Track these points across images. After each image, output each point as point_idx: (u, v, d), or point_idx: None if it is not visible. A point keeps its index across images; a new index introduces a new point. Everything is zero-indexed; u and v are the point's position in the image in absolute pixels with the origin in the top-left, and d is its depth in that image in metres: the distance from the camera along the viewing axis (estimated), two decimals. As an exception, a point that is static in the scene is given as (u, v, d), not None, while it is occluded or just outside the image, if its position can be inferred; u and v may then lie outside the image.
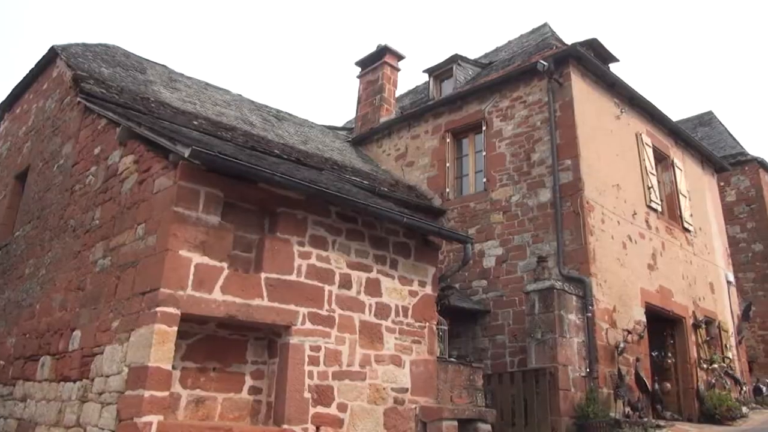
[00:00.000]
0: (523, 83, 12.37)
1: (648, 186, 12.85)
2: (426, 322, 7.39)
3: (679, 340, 12.66)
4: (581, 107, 11.59)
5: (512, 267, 11.41)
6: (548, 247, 10.92)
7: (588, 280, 10.31)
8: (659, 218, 13.01)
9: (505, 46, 16.48)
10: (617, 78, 12.68)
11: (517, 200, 11.75)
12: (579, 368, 9.75)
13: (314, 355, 6.22)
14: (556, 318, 9.67)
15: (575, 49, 11.91)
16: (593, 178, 11.26)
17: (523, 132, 12.08)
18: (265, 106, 14.44)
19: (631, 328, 11.01)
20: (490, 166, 12.47)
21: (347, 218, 6.91)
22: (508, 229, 11.72)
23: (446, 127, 13.65)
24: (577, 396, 9.49)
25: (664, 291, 12.36)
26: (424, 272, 7.56)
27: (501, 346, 11.09)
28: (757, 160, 19.83)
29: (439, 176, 13.39)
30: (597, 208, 11.09)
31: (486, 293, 11.63)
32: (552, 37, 14.46)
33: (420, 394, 7.09)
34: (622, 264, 11.35)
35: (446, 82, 15.60)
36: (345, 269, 6.73)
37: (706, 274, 14.22)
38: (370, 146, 15.45)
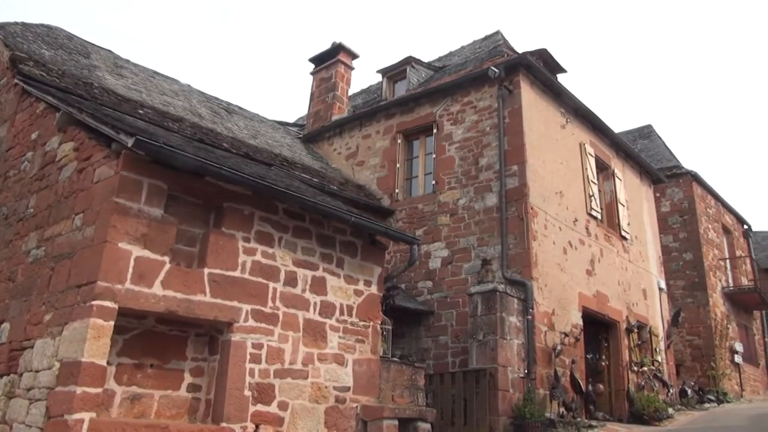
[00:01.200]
0: (475, 89, 12.58)
1: (589, 194, 13.29)
2: (370, 322, 7.43)
3: (612, 343, 13.15)
4: (529, 115, 11.88)
5: (457, 269, 11.60)
6: (493, 251, 11.15)
7: (530, 283, 10.58)
8: (599, 226, 13.48)
9: (458, 51, 16.72)
10: (564, 88, 13.06)
11: (464, 203, 11.94)
12: (518, 369, 9.99)
13: (256, 353, 6.15)
14: (498, 320, 9.88)
15: (525, 58, 12.20)
16: (538, 184, 11.56)
17: (473, 137, 12.29)
18: (215, 98, 14.17)
19: (569, 331, 11.36)
20: (439, 169, 12.63)
21: (295, 215, 6.87)
22: (454, 231, 11.90)
23: (398, 128, 13.74)
24: (515, 396, 9.73)
25: (601, 296, 12.82)
26: (370, 272, 7.59)
27: (444, 346, 11.25)
28: (691, 174, 20.80)
29: (389, 177, 13.46)
30: (541, 214, 11.40)
31: (431, 294, 11.78)
32: (504, 44, 14.78)
33: (362, 393, 7.11)
34: (563, 269, 11.71)
35: (399, 83, 15.70)
36: (291, 267, 6.68)
37: (640, 281, 14.83)
38: (321, 144, 15.39)
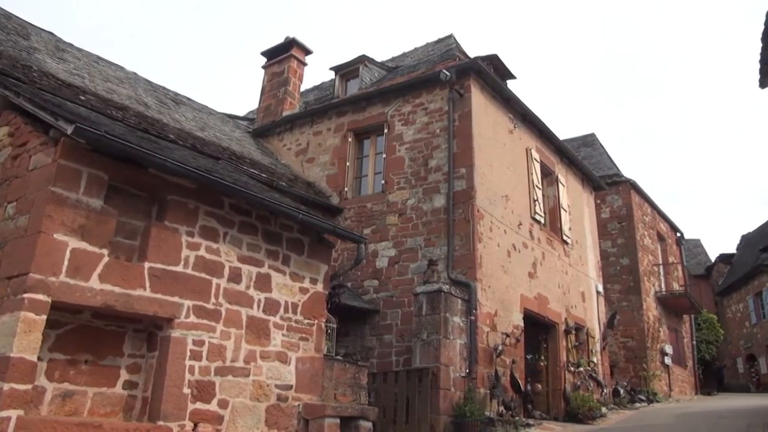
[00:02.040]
0: (426, 90, 12.70)
1: (534, 199, 13.64)
2: (315, 320, 7.40)
3: (551, 344, 13.54)
4: (478, 119, 12.09)
5: (404, 269, 11.69)
6: (439, 251, 11.29)
7: (474, 284, 10.77)
8: (542, 230, 13.85)
9: (411, 53, 16.84)
10: (513, 94, 13.35)
11: (412, 204, 12.05)
12: (460, 369, 10.16)
13: (197, 350, 6.04)
14: (442, 320, 10.02)
15: (477, 63, 12.40)
16: (485, 187, 11.78)
17: (423, 138, 12.41)
18: (163, 87, 13.79)
19: (510, 331, 11.63)
20: (389, 169, 12.69)
21: (241, 211, 6.77)
22: (402, 231, 11.98)
23: (349, 127, 13.72)
24: (457, 395, 9.89)
25: (542, 298, 13.18)
26: (316, 270, 7.57)
27: (388, 345, 11.32)
28: (630, 182, 21.64)
29: (338, 175, 13.44)
30: (486, 217, 11.62)
31: (377, 293, 11.83)
32: (456, 48, 14.97)
33: (304, 392, 7.08)
34: (506, 271, 11.97)
35: (352, 81, 15.69)
36: (235, 263, 6.59)
37: (579, 284, 15.32)
38: (271, 139, 15.21)
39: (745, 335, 30.58)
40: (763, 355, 28.58)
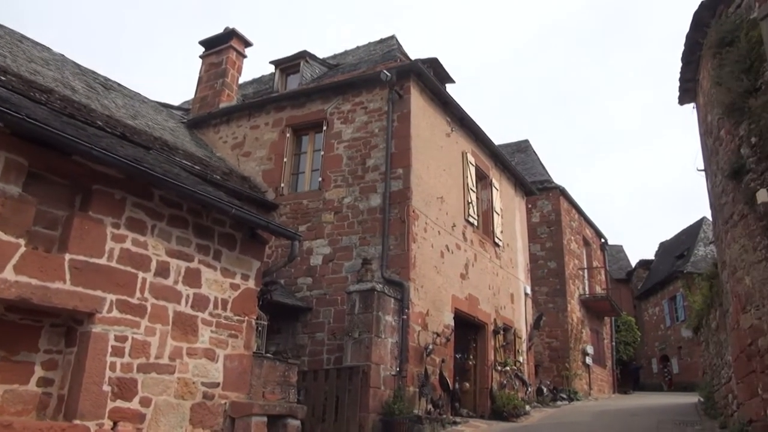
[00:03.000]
0: (366, 90, 12.74)
1: (468, 201, 13.93)
2: (245, 317, 7.28)
3: (480, 344, 13.87)
4: (417, 121, 12.23)
5: (338, 267, 11.68)
6: (374, 250, 11.35)
7: (407, 284, 10.89)
8: (474, 232, 14.17)
9: (353, 51, 16.83)
10: (451, 98, 13.58)
11: (349, 202, 12.05)
12: (390, 367, 10.26)
13: (119, 346, 5.81)
14: (375, 319, 10.09)
15: (417, 66, 12.54)
16: (421, 188, 11.93)
17: (362, 137, 12.43)
18: (92, 71, 13.19)
19: (441, 331, 11.84)
20: (326, 166, 12.65)
21: (172, 203, 6.57)
22: (337, 229, 11.97)
23: (288, 122, 13.58)
24: (386, 394, 9.98)
25: (473, 299, 13.48)
26: (248, 266, 7.44)
27: (320, 343, 11.29)
28: (559, 188, 22.45)
29: (275, 170, 13.27)
30: (421, 218, 11.77)
31: (310, 291, 11.77)
32: (398, 49, 15.08)
33: (232, 390, 6.95)
34: (439, 272, 12.17)
35: (292, 76, 15.53)
36: (164, 257, 6.39)
37: (508, 286, 15.76)
38: (207, 131, 14.84)
39: (659, 337, 32.34)
40: (675, 356, 30.33)
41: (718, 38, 7.43)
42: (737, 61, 7.00)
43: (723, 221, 8.17)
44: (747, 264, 7.12)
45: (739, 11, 7.25)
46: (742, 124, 6.98)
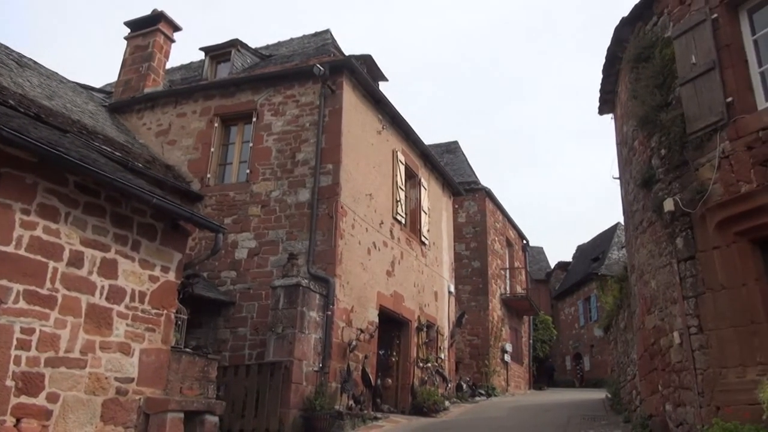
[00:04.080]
0: (299, 83, 12.60)
1: (397, 199, 14.06)
2: (164, 310, 7.05)
3: (403, 340, 14.06)
4: (348, 117, 12.22)
5: (264, 261, 11.51)
6: (300, 246, 11.26)
7: (333, 280, 10.88)
8: (402, 230, 14.33)
9: (287, 43, 16.61)
10: (384, 96, 13.66)
11: (277, 196, 11.90)
12: (313, 363, 10.22)
13: (25, 339, 5.49)
14: (299, 314, 10.01)
15: (350, 62, 12.53)
16: (350, 185, 11.95)
17: (292, 130, 12.30)
18: (5, 46, 12.36)
19: (365, 327, 11.91)
20: (255, 159, 12.43)
21: (88, 190, 6.27)
22: (264, 223, 11.79)
23: (216, 111, 13.23)
24: (308, 389, 9.94)
25: (398, 296, 13.63)
26: (169, 257, 7.20)
27: (242, 338, 11.09)
28: (485, 190, 23.07)
29: (201, 160, 12.91)
30: (350, 214, 11.79)
31: (234, 285, 11.54)
32: (332, 44, 15.01)
33: (147, 385, 6.72)
34: (365, 268, 12.23)
35: (223, 65, 15.15)
36: (78, 246, 6.09)
37: (433, 284, 16.05)
38: (130, 116, 14.22)
39: (574, 336, 33.88)
40: (587, 354, 31.87)
41: (636, 53, 7.86)
42: (652, 76, 7.43)
43: (634, 227, 8.67)
44: (653, 268, 7.59)
45: (655, 29, 7.70)
46: (654, 137, 7.42)
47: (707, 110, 6.55)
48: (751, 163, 6.08)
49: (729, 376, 5.98)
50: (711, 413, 5.93)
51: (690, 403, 6.47)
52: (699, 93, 6.68)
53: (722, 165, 6.34)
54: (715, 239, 6.35)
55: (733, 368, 5.98)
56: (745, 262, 6.12)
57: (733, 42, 6.59)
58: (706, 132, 6.55)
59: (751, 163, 6.08)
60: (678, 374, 6.82)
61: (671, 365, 7.03)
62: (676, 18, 7.25)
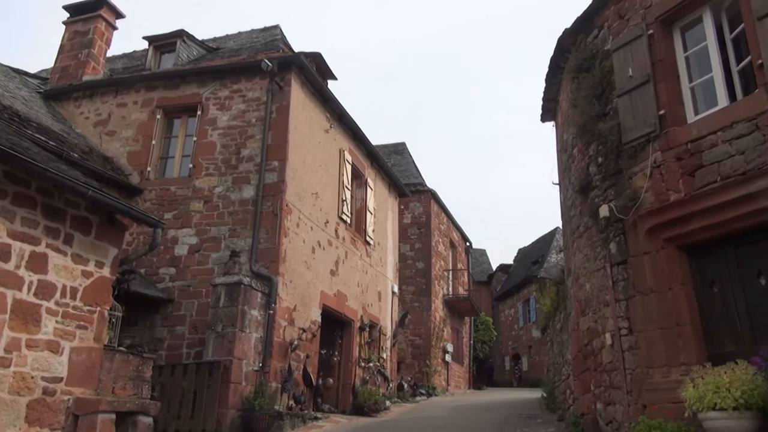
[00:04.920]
0: (246, 78, 12.40)
1: (343, 199, 14.03)
2: (97, 307, 6.80)
3: (346, 340, 14.05)
4: (296, 114, 12.12)
5: (205, 258, 11.27)
6: (243, 243, 11.09)
7: (275, 278, 10.75)
8: (347, 229, 14.31)
9: (234, 36, 16.31)
10: (332, 95, 13.61)
11: (220, 192, 11.67)
12: (253, 362, 10.08)
13: (-56, 336, 5.19)
14: (240, 313, 9.85)
15: (299, 58, 12.43)
16: (296, 183, 11.84)
17: (238, 126, 12.09)
18: (-71, 24, 11.63)
19: (307, 327, 11.83)
20: (198, 153, 12.15)
21: (18, 180, 5.98)
22: (206, 219, 11.55)
23: (159, 103, 12.86)
24: (248, 389, 9.79)
25: (341, 295, 13.61)
26: (104, 252, 6.95)
27: (180, 337, 10.82)
28: (431, 192, 23.33)
29: (142, 153, 12.52)
30: (295, 212, 11.69)
31: (173, 282, 11.25)
32: (281, 40, 14.84)
33: (77, 385, 6.46)
34: (309, 267, 12.15)
35: (167, 55, 14.72)
36: (5, 238, 5.79)
37: (377, 284, 16.11)
38: (67, 104, 13.64)
39: (513, 337, 34.70)
40: (525, 354, 32.71)
41: (577, 64, 8.13)
42: (591, 86, 7.71)
43: (571, 232, 8.96)
44: (588, 272, 7.86)
45: (596, 41, 7.98)
46: (592, 145, 7.69)
47: (641, 121, 6.84)
48: (680, 173, 6.38)
49: (655, 376, 6.27)
50: (638, 411, 6.20)
51: (619, 402, 6.74)
52: (634, 105, 6.97)
53: (654, 174, 6.64)
54: (646, 245, 6.64)
55: (659, 368, 6.27)
56: (672, 268, 6.42)
57: (666, 57, 6.91)
58: (640, 142, 6.85)
59: (680, 173, 6.38)
60: (609, 374, 7.08)
61: (603, 365, 7.29)
62: (616, 32, 7.54)
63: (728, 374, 5.17)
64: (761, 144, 5.69)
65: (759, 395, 4.96)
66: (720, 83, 6.45)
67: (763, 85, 5.80)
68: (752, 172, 5.71)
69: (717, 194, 6.01)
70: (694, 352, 6.08)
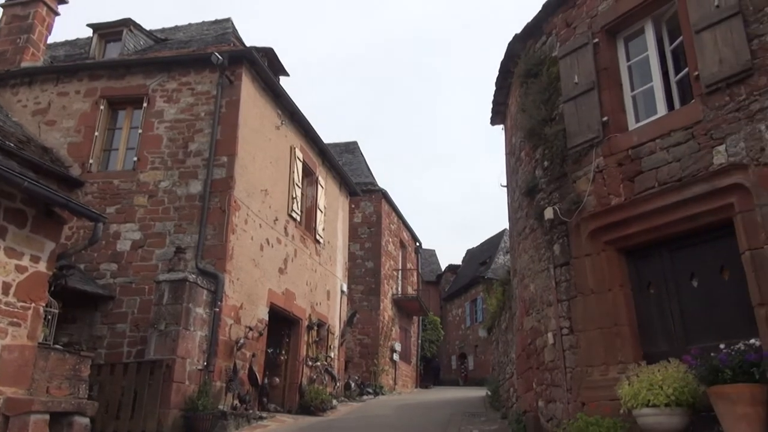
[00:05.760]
0: (195, 71, 12.13)
1: (293, 196, 13.91)
2: (32, 303, 6.52)
3: (293, 339, 13.93)
4: (246, 109, 11.93)
5: (148, 254, 10.96)
6: (189, 239, 10.85)
7: (222, 276, 10.56)
8: (297, 227, 14.19)
9: (184, 27, 15.93)
10: (284, 91, 13.47)
11: (166, 186, 11.38)
12: (197, 361, 9.87)
13: None
14: (184, 310, 9.63)
15: (251, 53, 12.24)
16: (245, 179, 11.66)
17: (186, 119, 11.82)
18: None
19: (254, 325, 11.67)
20: (144, 146, 11.81)
21: (-54, 169, 5.68)
22: (151, 214, 11.24)
23: (103, 93, 12.43)
24: (191, 389, 9.58)
25: (289, 294, 13.49)
26: (40, 246, 6.68)
27: (121, 335, 10.49)
28: (382, 192, 23.40)
29: (83, 144, 12.07)
30: (243, 209, 11.51)
31: (114, 278, 10.90)
32: (233, 33, 14.59)
33: (9, 384, 6.18)
34: (257, 265, 11.99)
35: (113, 44, 14.25)
36: (-70, 230, 5.49)
37: (326, 283, 16.04)
38: (3, 91, 12.99)
39: (460, 336, 35.20)
40: (472, 353, 33.23)
41: (526, 69, 8.31)
42: (539, 91, 7.89)
43: (517, 233, 9.15)
44: (533, 273, 8.05)
45: (544, 48, 8.19)
46: (538, 149, 7.88)
47: (586, 127, 7.05)
48: (620, 179, 6.61)
49: (594, 374, 6.47)
50: (577, 408, 6.39)
51: (559, 399, 6.93)
52: (579, 111, 7.19)
53: (596, 179, 6.85)
54: (588, 247, 6.85)
55: (597, 367, 6.48)
56: (612, 269, 6.65)
57: (610, 66, 7.15)
58: (584, 147, 7.06)
59: (620, 179, 6.61)
60: (550, 372, 7.27)
61: (545, 364, 7.48)
62: (563, 39, 7.75)
63: (661, 372, 5.39)
64: (696, 152, 5.95)
65: (689, 392, 5.19)
66: (659, 92, 6.72)
67: (699, 96, 6.07)
68: (687, 178, 5.97)
69: (654, 199, 6.26)
70: (631, 351, 6.30)
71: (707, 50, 5.98)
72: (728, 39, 5.83)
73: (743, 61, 5.67)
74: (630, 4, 6.97)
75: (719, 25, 5.92)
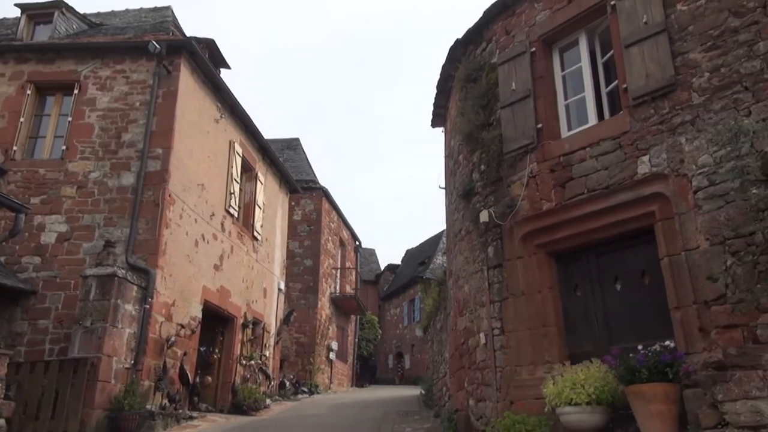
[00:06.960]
0: (131, 58, 11.73)
1: (231, 192, 13.64)
2: (-57, 297, 6.14)
3: (227, 337, 13.67)
4: (184, 101, 11.62)
5: (75, 247, 10.51)
6: (120, 233, 10.47)
7: (153, 271, 10.25)
8: (234, 223, 13.93)
9: (121, 13, 15.38)
10: (225, 84, 13.19)
11: (96, 177, 10.95)
12: (125, 360, 9.54)
13: None
14: (112, 307, 9.30)
15: (191, 43, 11.94)
16: (181, 173, 11.36)
17: (120, 108, 11.41)
18: None
19: (187, 323, 11.38)
20: (73, 135, 11.31)
21: None
22: (79, 206, 10.78)
23: (30, 77, 11.83)
24: (117, 388, 9.25)
25: (224, 291, 13.23)
26: (-46, 237, 6.29)
27: (43, 331, 10.01)
28: (323, 190, 23.31)
29: (7, 130, 11.44)
30: (178, 203, 11.21)
31: (38, 272, 10.40)
32: (172, 22, 14.19)
33: None
34: (191, 261, 11.70)
35: (43, 27, 13.58)
36: None
37: (263, 280, 15.82)
38: None
39: (397, 335, 35.47)
40: (408, 353, 33.54)
41: (466, 74, 8.47)
42: (478, 97, 8.07)
43: (454, 235, 9.31)
44: (467, 274, 8.21)
45: (484, 54, 8.37)
46: (476, 152, 8.05)
47: (521, 133, 7.26)
48: (552, 184, 6.85)
49: (522, 374, 6.67)
50: (506, 407, 6.57)
51: (489, 398, 7.10)
52: (516, 117, 7.39)
53: (530, 184, 7.07)
54: (520, 250, 7.05)
55: (526, 366, 6.68)
56: (542, 272, 6.88)
57: (546, 75, 7.39)
58: (519, 153, 7.26)
59: (552, 184, 6.85)
60: (481, 372, 7.44)
61: (476, 364, 7.65)
62: (502, 47, 7.95)
63: (584, 372, 5.62)
64: (623, 161, 6.23)
65: (609, 391, 5.43)
66: (591, 103, 7.00)
67: (627, 108, 6.36)
68: (614, 186, 6.24)
69: (583, 205, 6.51)
70: (557, 351, 6.54)
71: (635, 64, 6.27)
72: (654, 55, 6.13)
73: (668, 77, 5.98)
74: (565, 15, 7.22)
75: (647, 41, 6.22)
